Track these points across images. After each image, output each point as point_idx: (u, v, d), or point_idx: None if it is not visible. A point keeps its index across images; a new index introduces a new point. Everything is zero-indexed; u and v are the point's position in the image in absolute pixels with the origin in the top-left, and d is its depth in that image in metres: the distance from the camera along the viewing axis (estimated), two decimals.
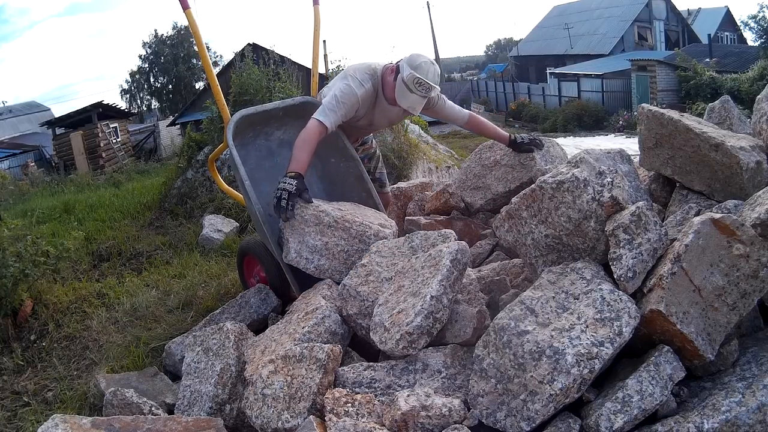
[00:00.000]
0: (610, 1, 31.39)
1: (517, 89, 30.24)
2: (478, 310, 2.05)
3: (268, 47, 7.49)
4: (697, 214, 2.14)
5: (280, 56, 7.62)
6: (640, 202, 1.89)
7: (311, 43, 3.39)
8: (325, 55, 8.81)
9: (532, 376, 1.62)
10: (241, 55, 8.56)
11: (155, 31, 39.58)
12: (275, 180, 2.84)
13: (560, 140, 12.93)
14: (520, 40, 38.48)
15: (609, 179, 1.99)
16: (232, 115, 2.98)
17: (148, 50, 36.48)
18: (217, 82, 3.17)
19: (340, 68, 7.81)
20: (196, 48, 3.46)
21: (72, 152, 17.79)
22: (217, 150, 3.41)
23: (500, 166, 3.27)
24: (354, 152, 3.15)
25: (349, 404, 1.77)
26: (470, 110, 3.39)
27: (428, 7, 34.52)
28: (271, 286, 3.08)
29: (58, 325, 3.77)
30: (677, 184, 2.52)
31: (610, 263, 1.83)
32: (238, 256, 3.43)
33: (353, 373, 1.96)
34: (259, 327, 2.87)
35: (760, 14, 20.19)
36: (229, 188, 3.49)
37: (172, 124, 23.47)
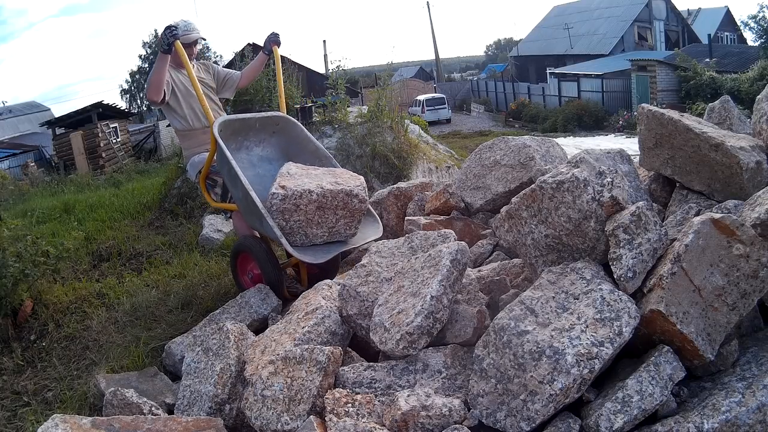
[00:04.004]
0: (610, 1, 31.38)
1: (517, 89, 30.23)
2: (478, 310, 2.05)
3: None
4: (697, 214, 2.14)
5: (280, 56, 7.58)
6: (640, 202, 1.89)
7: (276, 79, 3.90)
8: (325, 55, 8.84)
9: (532, 376, 1.62)
10: (240, 55, 8.55)
11: (155, 31, 39.49)
12: (257, 187, 3.01)
13: (560, 140, 12.93)
14: (520, 40, 38.49)
15: (609, 179, 1.99)
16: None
17: (148, 50, 36.50)
18: (203, 94, 3.32)
19: (340, 68, 7.80)
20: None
21: (72, 152, 17.74)
22: (206, 162, 3.41)
23: (500, 166, 3.27)
24: (325, 151, 3.50)
25: (350, 404, 1.77)
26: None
27: (428, 7, 34.59)
28: (267, 283, 3.12)
29: (58, 325, 3.77)
30: (677, 184, 2.51)
31: (610, 263, 1.83)
32: (232, 256, 3.48)
33: (353, 373, 1.96)
34: (259, 327, 2.87)
35: (760, 14, 20.18)
36: (222, 203, 3.55)
37: None
